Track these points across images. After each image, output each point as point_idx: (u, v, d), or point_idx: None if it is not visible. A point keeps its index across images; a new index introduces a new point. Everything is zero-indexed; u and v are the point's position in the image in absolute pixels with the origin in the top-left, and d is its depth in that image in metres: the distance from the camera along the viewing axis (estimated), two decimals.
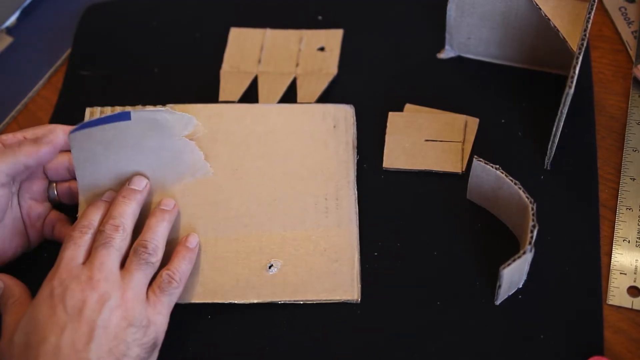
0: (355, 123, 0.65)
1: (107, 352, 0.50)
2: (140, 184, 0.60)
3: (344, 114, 0.65)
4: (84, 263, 0.54)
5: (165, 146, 0.63)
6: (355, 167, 0.64)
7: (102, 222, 0.56)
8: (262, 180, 0.63)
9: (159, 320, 0.54)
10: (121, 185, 0.61)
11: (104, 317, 0.51)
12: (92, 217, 0.57)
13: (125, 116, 0.61)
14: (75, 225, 0.56)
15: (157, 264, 0.56)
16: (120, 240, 0.55)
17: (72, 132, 0.59)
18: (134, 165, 0.63)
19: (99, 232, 0.55)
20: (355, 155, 0.64)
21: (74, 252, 0.54)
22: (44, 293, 0.52)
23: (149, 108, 0.63)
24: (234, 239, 0.61)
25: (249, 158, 0.64)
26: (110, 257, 0.54)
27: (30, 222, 0.61)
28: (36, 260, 0.63)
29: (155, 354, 0.54)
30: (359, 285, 0.59)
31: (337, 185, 0.63)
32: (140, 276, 0.54)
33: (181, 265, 0.57)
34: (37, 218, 0.62)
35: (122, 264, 0.55)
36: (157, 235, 0.57)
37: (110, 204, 0.58)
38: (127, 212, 0.57)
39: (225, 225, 0.61)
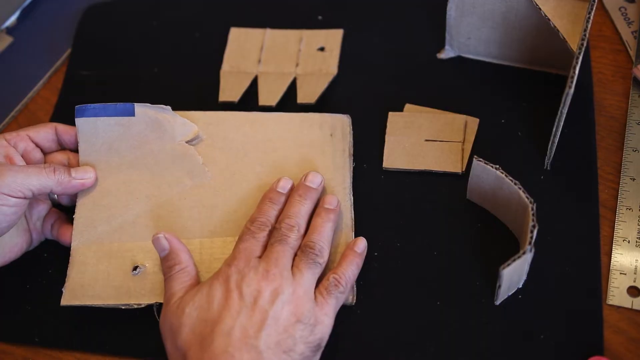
0: (351, 132, 0.65)
1: (275, 343, 0.52)
2: (315, 181, 0.61)
3: (340, 123, 0.65)
4: (260, 257, 0.56)
5: (165, 150, 0.63)
6: (352, 175, 0.64)
7: (279, 219, 0.58)
8: (260, 186, 0.63)
9: (326, 321, 0.55)
10: (122, 187, 0.62)
11: (276, 309, 0.53)
12: (270, 214, 0.59)
13: (129, 111, 0.62)
14: (254, 220, 0.58)
15: (324, 265, 0.57)
16: (294, 239, 0.57)
17: (77, 116, 0.62)
18: (135, 167, 0.63)
19: (275, 229, 0.58)
20: (352, 163, 0.64)
21: (252, 245, 0.56)
22: (221, 277, 0.55)
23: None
24: (230, 242, 0.61)
25: (247, 164, 0.64)
26: (285, 254, 0.56)
27: (32, 220, 0.62)
28: (36, 261, 0.63)
29: (318, 355, 0.55)
30: (355, 288, 0.59)
31: (333, 191, 0.63)
32: (309, 275, 0.56)
33: (348, 270, 0.58)
34: (37, 217, 0.62)
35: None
36: (323, 236, 0.58)
37: (286, 198, 0.60)
38: (303, 211, 0.59)
39: (222, 229, 0.61)
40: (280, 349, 0.52)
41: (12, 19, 0.78)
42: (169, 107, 0.63)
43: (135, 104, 0.63)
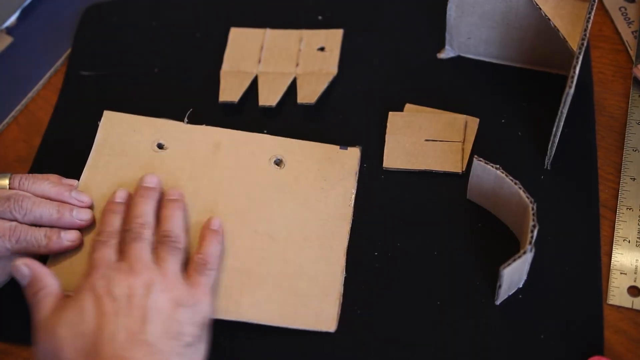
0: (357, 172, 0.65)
1: (163, 332, 0.52)
2: (153, 181, 0.62)
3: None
4: (119, 260, 0.56)
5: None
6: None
7: (127, 221, 0.59)
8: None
9: (204, 299, 0.56)
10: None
11: (153, 299, 0.53)
12: (114, 223, 0.59)
13: None
14: (100, 232, 0.59)
15: (184, 250, 0.58)
16: (148, 234, 0.58)
17: None
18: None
19: (125, 231, 0.58)
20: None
21: (106, 251, 0.57)
22: (85, 288, 0.54)
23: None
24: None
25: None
26: (144, 248, 0.56)
27: None
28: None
29: (205, 332, 0.55)
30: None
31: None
32: (174, 261, 0.56)
33: (210, 248, 0.59)
34: None
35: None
36: (175, 223, 0.59)
37: (126, 206, 0.60)
38: (147, 209, 0.59)
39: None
40: (169, 336, 0.52)
41: (12, 19, 0.78)
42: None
43: None
